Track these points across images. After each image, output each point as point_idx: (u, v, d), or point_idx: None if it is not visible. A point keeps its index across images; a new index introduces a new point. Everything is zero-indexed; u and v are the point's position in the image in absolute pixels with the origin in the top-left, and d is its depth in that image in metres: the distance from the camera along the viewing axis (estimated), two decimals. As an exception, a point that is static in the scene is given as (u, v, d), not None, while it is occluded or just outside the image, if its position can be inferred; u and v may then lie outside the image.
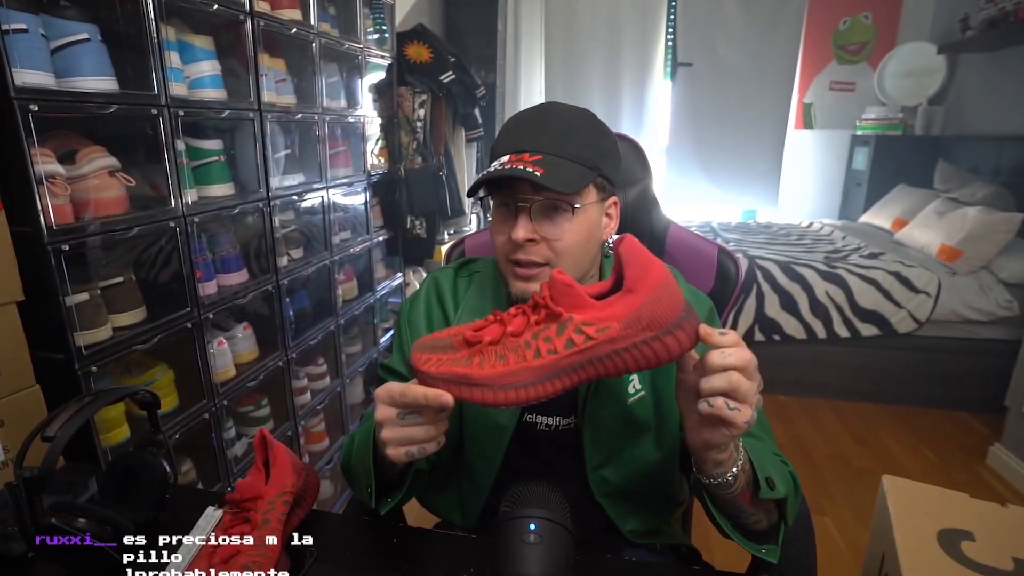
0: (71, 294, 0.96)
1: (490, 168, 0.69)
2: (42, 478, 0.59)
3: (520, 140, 0.70)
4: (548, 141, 0.69)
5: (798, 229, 3.64)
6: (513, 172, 0.65)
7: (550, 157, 0.68)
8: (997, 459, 2.13)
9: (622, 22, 3.80)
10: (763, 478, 0.61)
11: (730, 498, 0.61)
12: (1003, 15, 2.80)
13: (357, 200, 1.93)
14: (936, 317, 2.50)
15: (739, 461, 0.60)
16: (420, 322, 0.82)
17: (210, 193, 1.28)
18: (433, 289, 0.84)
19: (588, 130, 0.72)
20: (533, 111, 0.73)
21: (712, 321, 0.80)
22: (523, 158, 0.67)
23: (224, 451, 1.34)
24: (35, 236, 0.90)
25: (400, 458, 0.58)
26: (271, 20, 1.38)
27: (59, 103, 0.92)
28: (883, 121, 3.64)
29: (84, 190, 0.99)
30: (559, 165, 0.67)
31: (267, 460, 0.72)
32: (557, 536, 0.56)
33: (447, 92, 2.28)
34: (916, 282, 2.51)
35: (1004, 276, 2.46)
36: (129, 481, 0.75)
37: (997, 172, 2.97)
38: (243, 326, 1.43)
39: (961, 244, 2.56)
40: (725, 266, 0.97)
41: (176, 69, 1.14)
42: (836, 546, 1.74)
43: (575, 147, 0.70)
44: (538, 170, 0.65)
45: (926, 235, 2.84)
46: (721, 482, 0.60)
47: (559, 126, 0.70)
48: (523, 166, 0.66)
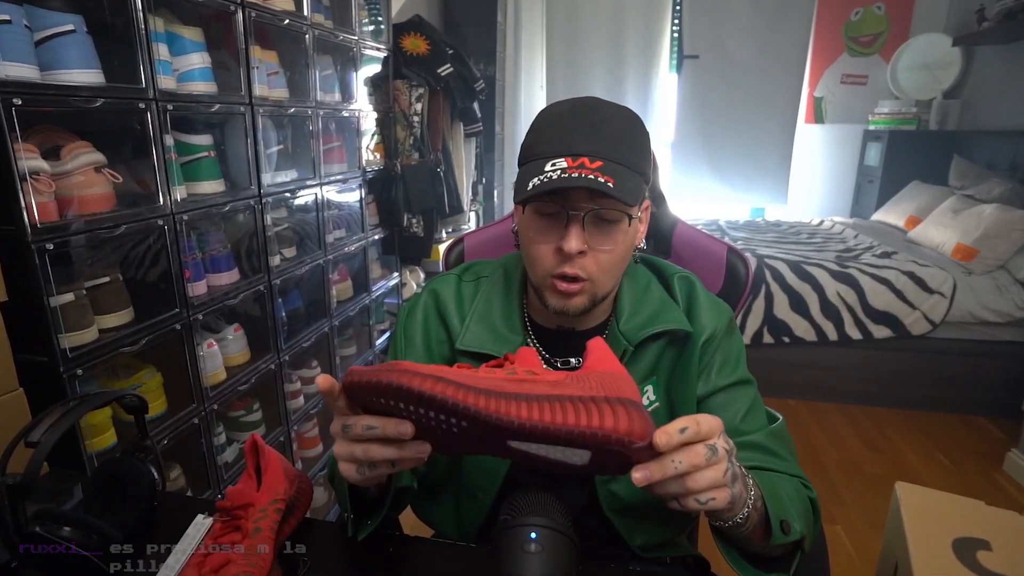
0: (56, 294, 0.96)
1: (546, 173, 0.63)
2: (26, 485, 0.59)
3: (573, 142, 0.65)
4: (604, 146, 0.65)
5: (808, 227, 3.64)
6: (588, 183, 0.61)
7: (611, 164, 0.63)
8: (1014, 465, 2.13)
9: (626, 13, 3.80)
10: (776, 522, 0.59)
11: (743, 536, 0.59)
12: (1021, 6, 2.80)
13: (352, 197, 1.93)
14: (951, 318, 2.50)
15: (749, 501, 0.56)
16: (417, 336, 0.80)
17: (200, 190, 1.28)
18: (432, 302, 0.81)
19: (637, 134, 0.68)
20: (579, 109, 0.68)
21: (731, 331, 0.78)
22: (583, 163, 0.63)
23: (214, 457, 1.34)
24: (18, 235, 0.89)
25: (351, 476, 0.55)
26: (263, 11, 1.38)
27: (43, 97, 0.92)
28: (896, 115, 3.64)
29: (69, 187, 0.99)
30: (620, 173, 0.63)
31: (259, 466, 0.72)
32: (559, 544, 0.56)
33: (445, 85, 2.28)
34: (930, 282, 2.51)
35: (1022, 276, 2.46)
36: (116, 488, 0.75)
37: (1015, 168, 2.97)
38: (234, 328, 1.43)
39: (977, 243, 2.56)
40: (734, 266, 0.96)
41: (164, 62, 1.14)
42: (847, 555, 1.74)
43: (629, 153, 0.66)
44: (608, 179, 0.61)
45: (941, 233, 2.84)
46: (731, 524, 0.57)
47: (613, 129, 0.66)
48: (587, 174, 0.62)
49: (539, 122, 0.70)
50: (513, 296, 0.79)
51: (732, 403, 0.73)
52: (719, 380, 0.74)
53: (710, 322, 0.75)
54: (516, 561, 0.55)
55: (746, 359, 0.78)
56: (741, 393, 0.74)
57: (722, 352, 0.75)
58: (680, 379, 0.75)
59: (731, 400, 0.74)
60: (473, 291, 0.80)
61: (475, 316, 0.78)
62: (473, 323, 0.77)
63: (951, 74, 3.57)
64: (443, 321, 0.79)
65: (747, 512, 0.56)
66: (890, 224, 3.44)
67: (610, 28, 3.84)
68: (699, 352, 0.74)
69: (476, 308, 0.78)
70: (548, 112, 0.70)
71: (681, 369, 0.75)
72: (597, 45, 3.89)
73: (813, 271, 2.63)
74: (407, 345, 0.80)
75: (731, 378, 0.74)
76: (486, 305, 0.78)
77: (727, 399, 0.74)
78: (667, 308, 0.76)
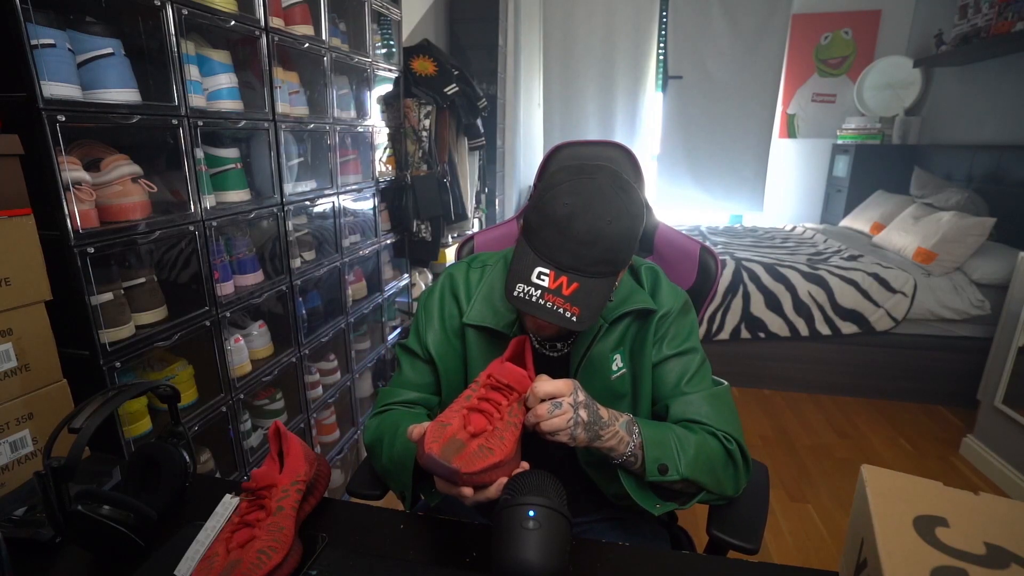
0: (96, 294, 0.96)
1: (531, 284, 0.67)
2: (69, 467, 0.59)
3: (562, 256, 0.67)
4: (588, 262, 0.67)
5: (782, 232, 3.63)
6: (553, 319, 0.66)
7: (588, 282, 0.67)
8: (970, 450, 2.13)
9: (616, 38, 3.81)
10: (653, 464, 0.70)
11: (638, 472, 0.72)
12: (975, 31, 2.80)
13: (366, 205, 1.93)
14: (912, 316, 2.50)
15: (630, 445, 0.70)
16: (434, 311, 0.88)
17: (227, 199, 1.28)
18: (448, 283, 0.89)
19: (628, 236, 0.69)
20: (578, 215, 0.67)
21: (686, 311, 0.85)
22: (561, 286, 0.67)
23: (240, 442, 1.34)
24: (62, 240, 0.90)
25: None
26: (285, 35, 1.38)
27: (85, 114, 0.92)
28: (862, 131, 3.64)
29: (108, 196, 0.99)
30: (593, 291, 0.67)
31: (281, 450, 0.72)
32: (555, 522, 0.57)
33: (451, 103, 2.27)
34: (893, 283, 2.51)
35: (976, 277, 2.46)
36: (151, 471, 0.75)
37: (970, 179, 2.97)
38: (258, 324, 1.43)
39: (936, 247, 2.56)
40: (706, 262, 1.01)
41: (195, 82, 1.14)
42: (818, 532, 1.74)
43: (611, 261, 0.68)
44: (574, 312, 0.66)
45: (903, 238, 2.83)
46: (622, 461, 0.71)
47: (602, 244, 0.67)
48: (559, 305, 0.66)
49: (545, 210, 0.69)
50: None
51: (678, 368, 0.81)
52: (669, 350, 0.82)
53: (668, 301, 0.83)
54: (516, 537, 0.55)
55: (698, 336, 0.85)
56: (688, 360, 0.82)
57: (675, 327, 0.83)
58: (639, 349, 0.83)
59: (678, 366, 0.81)
60: (479, 276, 0.88)
61: (480, 296, 0.85)
62: (478, 302, 0.85)
63: (912, 93, 3.58)
64: (455, 299, 0.88)
65: (630, 451, 0.70)
66: (856, 230, 3.44)
67: (601, 51, 3.84)
68: (656, 325, 0.82)
69: (481, 290, 0.86)
70: (554, 202, 0.68)
71: (641, 340, 0.82)
72: (589, 66, 3.89)
73: (786, 272, 2.63)
74: (427, 319, 0.88)
75: (680, 348, 0.82)
76: (489, 288, 0.86)
77: (675, 365, 0.81)
78: (635, 292, 0.83)
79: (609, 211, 0.67)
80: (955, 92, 3.28)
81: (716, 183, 4.07)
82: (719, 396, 0.81)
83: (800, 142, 4.05)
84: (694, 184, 4.09)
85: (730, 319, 2.66)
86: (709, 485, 0.74)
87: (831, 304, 2.57)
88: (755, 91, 3.82)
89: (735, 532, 0.75)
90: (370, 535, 0.70)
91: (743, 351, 2.71)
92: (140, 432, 1.09)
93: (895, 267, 2.57)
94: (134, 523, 0.64)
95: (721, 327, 2.67)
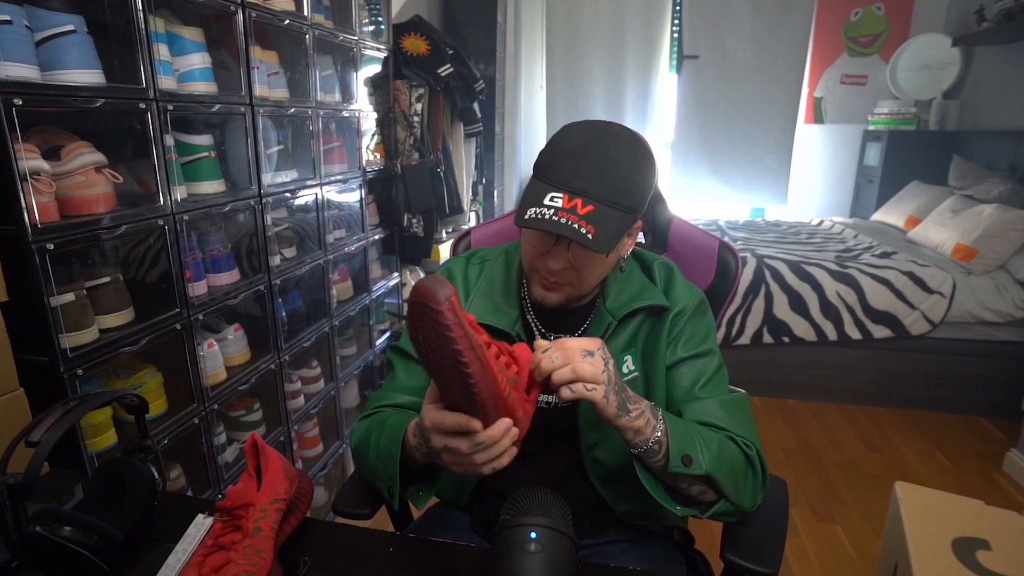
0: (56, 294, 0.95)
1: (543, 207, 0.70)
2: (26, 485, 0.59)
3: (576, 180, 0.71)
4: (603, 188, 0.71)
5: (808, 227, 3.64)
6: (571, 233, 0.68)
7: (602, 209, 0.70)
8: (1014, 465, 2.13)
9: (626, 13, 3.80)
10: (677, 454, 0.69)
11: (658, 467, 0.71)
12: (1020, 7, 2.80)
13: (352, 197, 1.93)
14: (951, 318, 2.50)
15: (659, 429, 0.70)
16: None
17: (200, 190, 1.27)
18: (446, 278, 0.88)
19: (641, 175, 0.74)
20: (592, 144, 0.73)
21: (702, 311, 0.86)
22: (576, 205, 0.69)
23: (214, 457, 1.34)
24: (19, 235, 0.89)
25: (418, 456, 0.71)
26: (263, 11, 1.38)
27: (44, 97, 0.92)
28: (896, 116, 3.64)
29: (70, 187, 0.99)
30: (608, 218, 0.70)
31: (259, 466, 0.72)
32: (559, 544, 0.56)
33: (445, 86, 2.28)
34: (930, 282, 2.51)
35: (1021, 276, 2.46)
36: (116, 488, 0.75)
37: (1014, 168, 2.97)
38: (234, 327, 1.43)
39: (977, 243, 2.56)
40: (725, 260, 1.01)
41: (165, 62, 1.14)
42: (847, 555, 1.74)
43: (627, 196, 0.72)
44: (590, 230, 0.68)
45: (940, 233, 2.84)
46: (645, 449, 0.69)
47: (615, 175, 0.72)
48: (575, 222, 0.68)
49: (557, 144, 0.75)
50: (512, 277, 0.88)
51: (694, 371, 0.82)
52: (684, 351, 0.82)
53: (682, 299, 0.84)
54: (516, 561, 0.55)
55: (715, 338, 0.86)
56: (704, 364, 0.82)
57: (691, 327, 0.83)
58: (652, 350, 0.83)
59: (693, 369, 0.82)
60: (478, 272, 0.91)
61: (478, 293, 0.88)
62: (476, 298, 0.87)
63: (950, 74, 3.57)
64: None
65: (658, 437, 0.69)
66: (890, 224, 3.44)
67: (610, 28, 3.84)
68: (670, 324, 0.82)
69: (479, 286, 0.89)
70: (567, 136, 0.75)
71: (654, 340, 0.83)
72: (597, 45, 3.88)
73: (813, 271, 2.63)
74: None
75: (696, 350, 0.82)
76: (488, 284, 0.88)
77: (690, 368, 0.82)
78: (647, 288, 0.85)
79: (623, 143, 0.73)
80: (998, 73, 3.28)
81: (736, 173, 4.07)
82: (736, 403, 0.81)
83: (828, 128, 4.05)
84: (712, 174, 4.09)
85: (751, 322, 2.66)
86: (728, 490, 0.74)
87: (862, 306, 2.57)
88: (778, 72, 3.82)
89: (751, 556, 0.74)
90: (357, 559, 0.70)
91: (765, 357, 2.71)
92: (104, 446, 1.08)
93: (932, 265, 2.57)
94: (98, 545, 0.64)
95: (741, 331, 2.67)
